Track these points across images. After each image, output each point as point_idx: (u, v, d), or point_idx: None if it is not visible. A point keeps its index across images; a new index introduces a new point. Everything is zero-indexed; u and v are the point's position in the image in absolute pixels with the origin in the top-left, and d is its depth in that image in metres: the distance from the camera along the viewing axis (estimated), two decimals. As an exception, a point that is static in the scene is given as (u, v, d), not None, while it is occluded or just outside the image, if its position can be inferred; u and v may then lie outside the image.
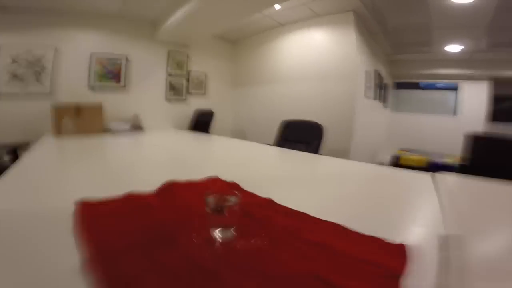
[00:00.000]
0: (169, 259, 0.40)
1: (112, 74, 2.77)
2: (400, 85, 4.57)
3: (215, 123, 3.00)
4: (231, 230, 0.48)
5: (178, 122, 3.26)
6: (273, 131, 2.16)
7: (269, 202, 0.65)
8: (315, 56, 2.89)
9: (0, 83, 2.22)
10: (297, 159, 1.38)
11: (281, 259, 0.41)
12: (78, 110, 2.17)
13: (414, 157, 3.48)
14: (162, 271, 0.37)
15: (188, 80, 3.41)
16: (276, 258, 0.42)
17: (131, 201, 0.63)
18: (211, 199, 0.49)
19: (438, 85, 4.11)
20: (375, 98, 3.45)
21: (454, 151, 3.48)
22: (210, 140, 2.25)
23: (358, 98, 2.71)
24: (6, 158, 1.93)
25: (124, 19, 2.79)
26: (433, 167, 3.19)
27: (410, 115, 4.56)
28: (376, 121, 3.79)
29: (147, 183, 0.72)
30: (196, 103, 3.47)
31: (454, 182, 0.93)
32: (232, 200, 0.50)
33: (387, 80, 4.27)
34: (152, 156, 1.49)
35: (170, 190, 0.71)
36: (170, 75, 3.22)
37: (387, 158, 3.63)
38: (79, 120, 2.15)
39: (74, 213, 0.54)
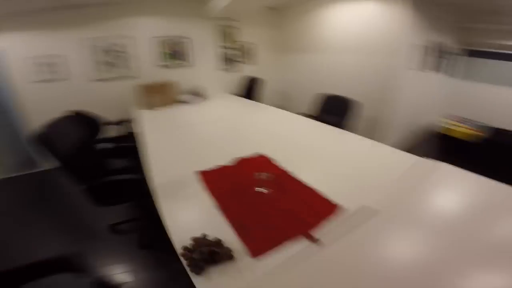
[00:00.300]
0: (243, 198, 0.97)
1: (178, 54, 3.34)
2: (476, 53, 4.02)
3: (265, 87, 3.47)
4: (265, 188, 1.02)
5: (232, 88, 3.83)
6: (313, 93, 2.50)
7: (284, 173, 1.16)
8: (360, 28, 2.83)
9: (97, 70, 2.99)
10: (322, 134, 1.79)
11: (281, 200, 0.95)
12: (157, 87, 2.87)
13: (462, 130, 3.33)
14: (241, 204, 0.94)
15: (240, 50, 3.80)
16: (279, 199, 0.95)
17: (224, 169, 1.23)
18: (257, 174, 1.02)
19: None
20: (431, 69, 3.27)
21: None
22: (257, 108, 2.75)
23: (401, 71, 2.69)
24: (110, 145, 2.13)
25: (181, 2, 3.17)
26: (483, 143, 3.06)
27: (483, 85, 4.08)
28: (432, 91, 3.62)
29: (216, 151, 1.32)
30: (248, 71, 3.89)
31: (448, 174, 1.16)
32: (266, 175, 1.01)
33: (457, 48, 3.84)
34: (216, 127, 2.06)
35: (240, 163, 1.29)
36: (224, 48, 3.65)
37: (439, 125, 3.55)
38: (160, 95, 2.86)
39: (198, 177, 1.15)
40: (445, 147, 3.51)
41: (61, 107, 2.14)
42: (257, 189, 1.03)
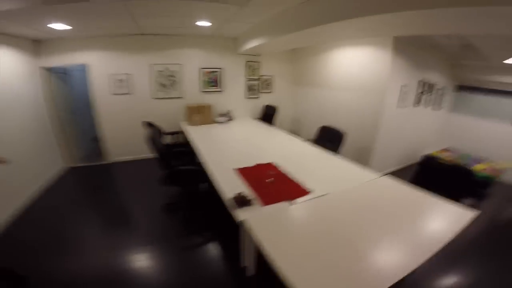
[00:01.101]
0: (260, 183, 1.87)
1: (213, 81, 4.36)
2: (466, 88, 4.60)
3: (280, 113, 4.38)
4: (271, 179, 1.88)
5: (253, 113, 4.80)
6: (319, 121, 3.24)
7: (283, 174, 2.03)
8: (357, 69, 3.60)
9: (154, 90, 4.00)
10: (316, 155, 2.60)
11: (279, 185, 1.83)
12: (199, 108, 3.86)
13: (446, 159, 3.94)
14: (259, 184, 1.83)
15: (259, 81, 4.76)
16: (278, 184, 1.82)
17: (251, 170, 2.12)
18: (267, 172, 1.89)
19: (504, 91, 4.06)
20: (416, 105, 3.94)
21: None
22: (270, 131, 3.65)
23: (388, 108, 3.39)
24: (176, 149, 3.38)
25: (218, 39, 4.14)
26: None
27: (469, 118, 4.59)
28: (417, 124, 4.21)
29: (239, 157, 2.22)
30: (266, 99, 4.85)
31: (387, 184, 1.98)
32: (272, 173, 1.88)
33: (446, 83, 4.43)
34: (239, 141, 2.95)
35: (257, 165, 2.18)
36: (247, 79, 4.64)
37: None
38: (200, 114, 3.84)
39: (235, 171, 2.07)
40: (424, 173, 4.04)
41: (126, 117, 3.21)
42: (267, 180, 1.87)
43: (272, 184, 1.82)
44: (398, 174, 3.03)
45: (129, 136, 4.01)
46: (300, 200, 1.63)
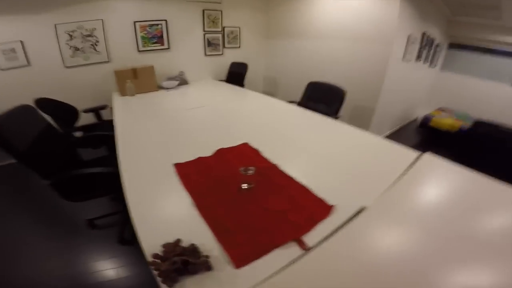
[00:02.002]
0: (225, 196, 0.87)
1: (156, 37, 3.06)
2: (458, 46, 4.18)
3: (250, 72, 3.33)
4: (250, 184, 0.92)
5: (216, 74, 3.65)
6: (302, 80, 2.39)
7: (273, 166, 1.07)
8: (352, 16, 2.74)
9: (65, 57, 2.65)
10: (312, 124, 1.70)
11: (269, 199, 0.86)
12: (135, 72, 2.63)
13: (446, 120, 3.40)
14: (222, 202, 0.84)
15: (223, 35, 3.55)
16: (267, 198, 0.86)
17: (201, 163, 1.10)
18: (242, 169, 0.91)
19: (499, 51, 3.64)
20: (418, 60, 3.28)
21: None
22: (240, 94, 2.62)
23: (393, 61, 2.65)
24: (78, 134, 2.00)
25: None
26: (464, 133, 3.15)
27: (462, 76, 4.26)
28: (415, 81, 3.65)
29: (196, 141, 1.18)
30: (232, 55, 3.69)
31: (438, 166, 1.12)
32: (253, 170, 0.91)
33: (441, 40, 3.90)
34: (196, 115, 1.90)
35: (220, 154, 1.17)
36: (206, 32, 3.40)
37: (423, 115, 3.62)
38: (137, 81, 2.63)
39: (175, 169, 1.04)
40: (428, 137, 3.59)
41: (24, 96, 1.89)
42: (242, 186, 0.93)
43: (253, 195, 0.90)
44: (393, 137, 2.41)
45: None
46: (318, 232, 0.73)
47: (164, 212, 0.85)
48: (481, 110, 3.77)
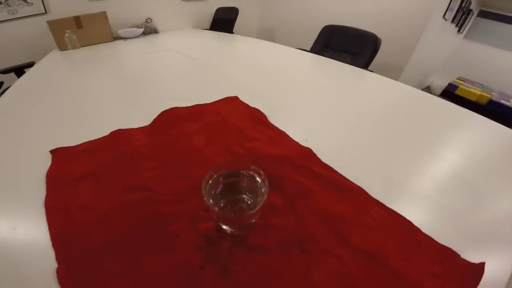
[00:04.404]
0: (160, 264, 0.24)
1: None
2: (488, 15, 3.54)
3: (239, 21, 2.56)
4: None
5: (197, 21, 2.83)
6: (311, 35, 1.72)
7: (308, 155, 0.44)
8: None
9: None
10: (337, 74, 1.08)
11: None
12: (78, 22, 1.84)
13: (474, 91, 2.88)
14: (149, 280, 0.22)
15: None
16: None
17: (115, 146, 0.45)
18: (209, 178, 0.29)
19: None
20: (452, 22, 2.65)
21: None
22: (232, 41, 1.90)
23: (435, 16, 2.02)
24: None
25: None
26: (494, 107, 2.68)
27: (486, 47, 3.69)
28: (444, 45, 3.05)
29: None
30: (217, 1, 2.83)
31: None
32: (255, 168, 0.29)
33: (474, 5, 3.25)
34: (165, 63, 1.24)
35: (167, 123, 0.52)
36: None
37: (441, 84, 3.07)
38: (82, 31, 1.86)
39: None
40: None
41: None
42: (224, 228, 0.29)
43: (268, 249, 0.29)
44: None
45: None
46: None
47: None
48: (503, 84, 3.28)
